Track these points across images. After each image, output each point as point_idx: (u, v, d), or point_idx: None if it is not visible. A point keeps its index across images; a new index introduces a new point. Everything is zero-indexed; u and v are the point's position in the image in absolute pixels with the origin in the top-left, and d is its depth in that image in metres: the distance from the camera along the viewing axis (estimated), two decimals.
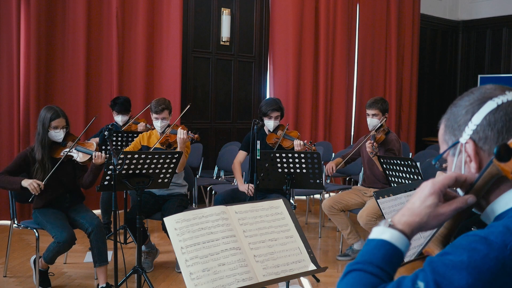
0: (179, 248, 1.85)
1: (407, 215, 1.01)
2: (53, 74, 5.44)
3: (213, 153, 6.55)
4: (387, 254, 0.98)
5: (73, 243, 3.41)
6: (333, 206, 4.33)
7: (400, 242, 0.99)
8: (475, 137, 1.03)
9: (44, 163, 3.47)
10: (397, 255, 0.99)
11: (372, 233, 1.03)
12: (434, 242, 1.11)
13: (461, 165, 1.06)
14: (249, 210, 2.05)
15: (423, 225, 1.01)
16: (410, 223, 1.00)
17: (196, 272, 1.81)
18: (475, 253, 0.90)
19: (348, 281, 0.98)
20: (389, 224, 1.01)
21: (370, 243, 1.01)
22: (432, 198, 1.01)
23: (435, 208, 1.00)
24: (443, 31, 9.33)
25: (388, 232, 1.00)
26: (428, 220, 1.00)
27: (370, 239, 1.02)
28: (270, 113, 4.25)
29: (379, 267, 0.97)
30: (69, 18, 5.47)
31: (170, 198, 4.03)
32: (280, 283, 3.04)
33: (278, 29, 6.93)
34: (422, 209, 1.01)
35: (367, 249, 1.00)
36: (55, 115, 3.49)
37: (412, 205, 1.02)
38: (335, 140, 7.37)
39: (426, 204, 1.01)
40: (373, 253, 0.98)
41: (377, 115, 4.33)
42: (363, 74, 7.79)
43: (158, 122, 4.01)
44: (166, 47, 6.04)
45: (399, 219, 1.02)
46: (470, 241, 0.93)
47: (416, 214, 1.01)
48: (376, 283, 0.95)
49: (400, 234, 0.99)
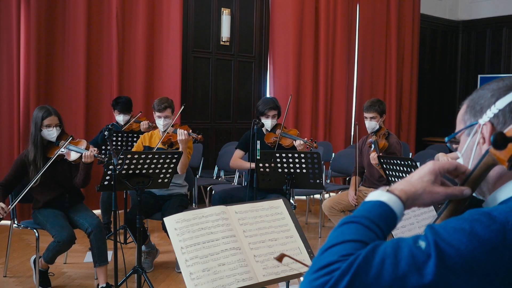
0: (179, 248, 1.85)
1: (404, 184, 1.04)
2: (53, 74, 5.44)
3: (213, 153, 6.55)
4: (383, 214, 0.99)
5: (73, 242, 3.41)
6: (333, 207, 4.33)
7: (396, 206, 1.01)
8: (495, 121, 1.04)
9: (36, 163, 3.45)
10: (392, 217, 1.00)
11: (368, 196, 1.04)
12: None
13: (473, 146, 1.08)
14: (249, 210, 2.05)
15: (417, 197, 1.03)
16: (406, 191, 1.03)
17: (196, 272, 1.81)
18: (477, 223, 0.91)
19: (344, 230, 0.98)
20: (386, 189, 1.04)
21: (366, 204, 1.02)
22: (430, 176, 1.04)
23: (431, 185, 1.03)
24: (443, 31, 9.33)
25: (385, 195, 1.02)
26: (423, 193, 1.03)
27: (366, 201, 1.03)
28: (267, 112, 4.24)
29: (375, 223, 0.98)
30: (69, 18, 5.47)
31: (170, 198, 4.03)
32: (280, 283, 3.04)
33: (278, 29, 6.93)
34: (418, 182, 1.04)
35: (363, 208, 1.02)
36: (46, 113, 3.47)
37: (410, 177, 1.05)
38: (335, 140, 7.37)
39: (423, 179, 1.04)
40: (370, 210, 1.00)
41: (375, 118, 4.33)
42: (363, 74, 7.79)
43: (161, 121, 4.01)
44: (166, 47, 6.04)
45: (396, 187, 1.04)
46: (473, 213, 0.94)
47: (413, 185, 1.03)
48: (371, 236, 0.96)
49: (396, 198, 1.01)
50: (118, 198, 3.38)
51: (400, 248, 0.90)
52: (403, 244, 0.91)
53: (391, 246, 0.91)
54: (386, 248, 0.90)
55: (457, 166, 1.07)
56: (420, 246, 0.89)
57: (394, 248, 0.90)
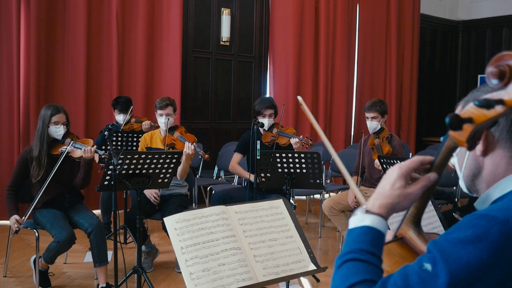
0: (179, 248, 1.85)
1: (380, 198, 1.06)
2: (53, 74, 5.44)
3: (213, 153, 6.54)
4: (373, 239, 1.01)
5: (73, 242, 3.41)
6: (334, 207, 4.32)
7: (381, 225, 1.03)
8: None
9: (41, 159, 3.47)
10: (381, 237, 1.03)
11: (351, 223, 1.06)
12: (406, 223, 1.16)
13: None
14: (249, 210, 2.05)
15: (395, 205, 1.06)
16: (384, 205, 1.05)
17: (196, 272, 1.81)
18: (478, 227, 0.92)
19: (345, 273, 0.99)
20: (365, 211, 1.06)
21: (353, 232, 1.04)
22: (400, 181, 1.06)
23: (403, 189, 1.06)
24: (443, 31, 9.33)
25: (368, 218, 1.04)
26: (399, 200, 1.05)
27: (351, 229, 1.05)
28: (263, 111, 4.24)
29: (370, 253, 1.00)
30: (69, 18, 5.47)
31: (170, 198, 4.03)
32: (280, 283, 3.04)
33: (278, 29, 6.93)
34: (392, 192, 1.06)
35: (352, 238, 1.03)
36: (55, 111, 3.53)
37: (382, 189, 1.07)
38: (335, 140, 7.36)
39: (395, 186, 1.06)
40: (360, 240, 1.01)
41: (376, 118, 4.33)
42: (363, 74, 7.79)
43: (163, 119, 4.01)
44: (166, 47, 6.04)
45: (373, 204, 1.06)
46: (471, 219, 0.95)
47: (388, 197, 1.06)
48: (372, 270, 0.98)
49: (378, 217, 1.04)
50: (118, 198, 3.38)
51: (408, 276, 0.92)
52: (410, 271, 0.93)
53: (400, 277, 0.93)
54: (395, 281, 0.92)
55: (421, 160, 1.10)
56: (427, 269, 0.91)
57: (403, 279, 0.92)
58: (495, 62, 0.97)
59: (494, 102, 0.93)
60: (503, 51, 0.98)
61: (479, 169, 1.09)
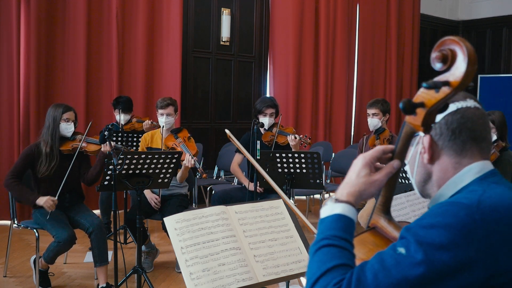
0: (179, 248, 1.85)
1: (347, 187, 1.13)
2: (53, 74, 5.44)
3: (213, 153, 6.55)
4: (345, 226, 1.08)
5: (73, 242, 3.41)
6: None
7: (350, 212, 1.10)
8: (433, 132, 1.14)
9: (54, 155, 3.50)
10: (351, 224, 1.09)
11: (322, 213, 1.12)
12: (376, 212, 1.22)
13: (416, 154, 1.18)
14: (249, 210, 2.06)
15: (362, 192, 1.12)
16: (352, 193, 1.11)
17: (196, 272, 1.81)
18: (447, 213, 1.00)
19: (321, 258, 1.04)
20: (334, 200, 1.12)
21: (324, 221, 1.10)
22: (365, 169, 1.13)
23: (369, 177, 1.12)
24: (443, 31, 9.33)
25: (338, 207, 1.10)
26: (366, 187, 1.12)
27: (323, 218, 1.11)
28: (264, 110, 4.24)
29: (343, 239, 1.06)
30: (69, 18, 5.46)
31: (171, 198, 4.03)
32: (280, 283, 3.03)
33: (278, 29, 6.93)
34: (358, 180, 1.12)
35: (325, 225, 1.09)
36: (66, 108, 3.61)
37: (349, 179, 1.14)
38: (335, 140, 7.36)
39: (360, 175, 1.13)
40: (333, 227, 1.07)
41: (377, 115, 4.33)
42: (363, 74, 7.79)
43: (163, 118, 4.01)
44: (166, 47, 6.03)
45: (341, 193, 1.13)
46: (439, 206, 1.04)
47: (354, 185, 1.12)
48: (347, 254, 1.04)
49: (347, 205, 1.10)
50: (118, 198, 3.37)
51: (384, 260, 0.99)
52: (385, 255, 1.00)
53: (376, 261, 1.00)
54: (373, 264, 0.99)
55: (383, 149, 1.17)
56: (401, 253, 0.98)
57: (380, 262, 0.99)
58: (438, 47, 1.03)
59: (440, 84, 1.01)
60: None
61: (429, 175, 1.17)
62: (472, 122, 1.12)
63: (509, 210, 1.02)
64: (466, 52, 0.99)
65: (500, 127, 3.76)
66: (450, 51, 1.01)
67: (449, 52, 1.01)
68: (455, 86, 1.00)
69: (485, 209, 1.00)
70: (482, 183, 1.10)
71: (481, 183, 1.10)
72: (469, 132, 1.12)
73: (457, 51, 1.00)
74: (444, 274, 0.96)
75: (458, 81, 1.00)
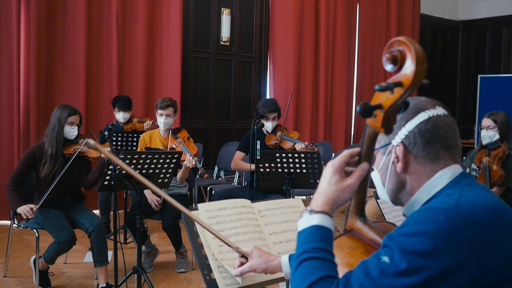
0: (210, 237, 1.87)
1: (320, 197, 1.12)
2: (53, 74, 5.44)
3: (213, 153, 6.55)
4: (323, 236, 1.07)
5: (73, 243, 3.41)
6: None
7: (327, 222, 1.09)
8: (406, 141, 1.14)
9: (58, 157, 3.49)
10: (329, 234, 1.08)
11: (299, 226, 1.11)
12: (351, 215, 1.23)
13: (388, 163, 1.18)
14: (271, 208, 2.08)
15: (336, 200, 1.11)
16: (326, 202, 1.11)
17: (227, 259, 1.82)
18: (427, 219, 1.00)
19: (303, 272, 1.03)
20: (309, 211, 1.11)
21: (302, 233, 1.09)
22: (335, 176, 1.12)
23: (340, 183, 1.12)
24: (443, 31, 9.33)
25: (314, 218, 1.09)
26: (339, 194, 1.11)
27: (300, 231, 1.10)
28: (267, 115, 4.22)
29: (323, 250, 1.05)
30: (69, 18, 5.47)
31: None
32: (280, 283, 3.03)
33: (278, 29, 6.93)
34: (330, 188, 1.12)
35: (303, 239, 1.08)
36: (72, 111, 3.58)
37: (321, 188, 1.13)
38: (335, 140, 7.37)
39: (332, 182, 1.12)
40: (311, 239, 1.07)
41: None
42: (363, 74, 7.79)
43: (162, 119, 4.01)
44: (166, 47, 6.03)
45: (316, 204, 1.12)
46: (418, 213, 1.04)
47: (327, 193, 1.11)
48: (329, 265, 1.03)
49: (323, 215, 1.09)
50: (118, 198, 3.38)
51: (368, 270, 0.99)
52: (370, 265, 1.00)
53: (361, 271, 1.00)
54: (358, 275, 0.99)
55: (350, 153, 1.16)
56: (385, 262, 0.98)
57: (365, 271, 0.99)
58: (387, 49, 1.05)
59: (393, 85, 1.03)
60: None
61: (403, 183, 1.17)
62: (444, 130, 1.14)
63: (486, 211, 1.02)
64: (414, 52, 1.01)
65: (502, 128, 3.75)
66: (399, 52, 1.03)
67: (398, 53, 1.03)
68: (407, 85, 1.01)
69: (463, 211, 1.00)
70: (456, 186, 1.10)
71: (455, 186, 1.11)
72: (442, 140, 1.13)
73: (406, 52, 1.02)
74: (431, 281, 0.96)
75: (409, 80, 1.01)
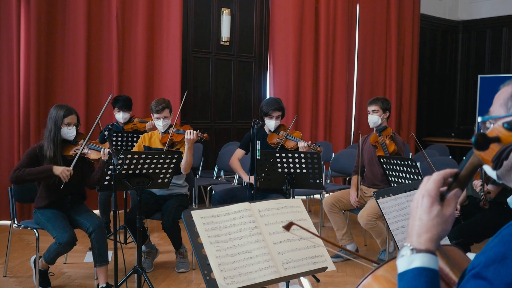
0: (207, 241, 1.87)
1: (423, 233, 1.00)
2: (53, 74, 5.44)
3: (213, 153, 6.55)
4: (428, 281, 0.96)
5: (74, 244, 3.40)
6: (335, 204, 4.33)
7: (432, 262, 0.98)
8: None
9: (56, 160, 3.46)
10: (435, 276, 0.97)
11: (400, 267, 1.00)
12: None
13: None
14: (272, 207, 2.09)
15: (440, 234, 1.01)
16: (430, 238, 1.00)
17: (225, 263, 1.83)
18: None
19: None
20: (411, 250, 1.00)
21: (405, 276, 0.98)
22: (435, 207, 1.02)
23: (441, 214, 1.01)
24: (443, 31, 9.33)
25: (417, 259, 0.98)
26: (443, 227, 1.01)
27: (402, 273, 0.99)
28: (271, 113, 4.23)
29: None
30: (69, 18, 5.47)
31: (171, 198, 4.03)
32: (280, 283, 3.04)
33: (278, 29, 6.93)
34: (432, 221, 1.01)
35: (406, 284, 0.97)
36: (68, 112, 3.50)
37: (420, 221, 1.02)
38: (335, 140, 7.37)
39: (433, 214, 1.01)
40: (415, 285, 0.96)
41: (377, 112, 4.34)
42: (363, 74, 7.79)
43: (160, 122, 4.01)
44: (166, 47, 6.03)
45: (419, 240, 1.00)
46: (508, 236, 0.93)
47: (430, 228, 1.00)
48: None
49: (427, 254, 0.98)
50: (118, 198, 3.37)
51: None
52: None
53: None
54: None
55: (443, 177, 1.06)
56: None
57: None
58: None
59: None
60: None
61: None
62: None
63: None
64: None
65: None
66: None
67: None
68: None
69: None
70: None
71: None
72: None
73: None
74: None
75: None
